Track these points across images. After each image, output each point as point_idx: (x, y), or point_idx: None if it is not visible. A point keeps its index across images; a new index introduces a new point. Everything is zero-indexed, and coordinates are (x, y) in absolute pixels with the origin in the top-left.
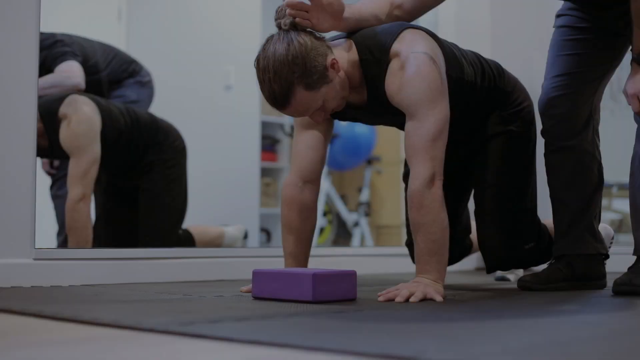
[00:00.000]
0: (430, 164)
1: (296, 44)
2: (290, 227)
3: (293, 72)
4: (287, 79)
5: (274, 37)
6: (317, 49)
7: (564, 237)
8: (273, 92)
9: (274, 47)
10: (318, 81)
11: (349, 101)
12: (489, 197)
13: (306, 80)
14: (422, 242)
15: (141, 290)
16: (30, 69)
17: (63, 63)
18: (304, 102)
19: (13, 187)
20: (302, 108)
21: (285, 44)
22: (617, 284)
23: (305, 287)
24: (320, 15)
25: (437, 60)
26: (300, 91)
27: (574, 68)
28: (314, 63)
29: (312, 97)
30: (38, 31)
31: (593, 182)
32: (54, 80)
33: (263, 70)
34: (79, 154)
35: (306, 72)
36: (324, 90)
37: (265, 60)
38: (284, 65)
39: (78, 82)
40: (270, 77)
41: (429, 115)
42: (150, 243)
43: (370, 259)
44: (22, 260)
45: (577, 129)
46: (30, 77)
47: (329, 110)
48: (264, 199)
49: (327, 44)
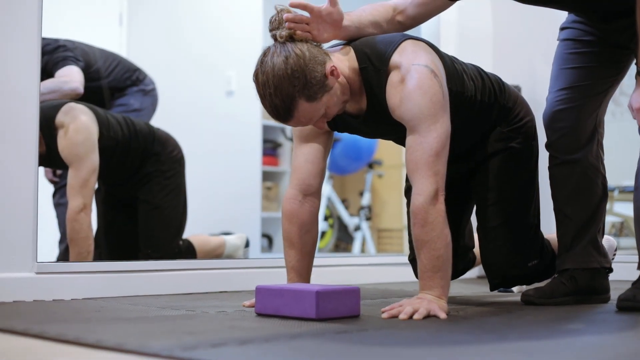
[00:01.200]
0: (434, 179)
1: (294, 56)
2: (291, 241)
3: (294, 86)
4: (288, 93)
5: (271, 50)
6: (315, 58)
7: (567, 251)
8: (275, 106)
9: (272, 61)
10: (319, 91)
11: (348, 111)
12: (491, 215)
13: (307, 92)
14: (425, 258)
15: (144, 305)
16: (32, 79)
17: (63, 68)
18: (306, 113)
19: (14, 201)
20: (305, 119)
21: (283, 57)
22: (621, 300)
23: (309, 304)
24: (321, 26)
25: (439, 73)
26: (302, 103)
27: (578, 81)
28: (314, 73)
29: (314, 107)
30: (40, 38)
31: (597, 196)
32: (52, 85)
33: (263, 86)
34: (77, 163)
35: (307, 84)
36: (325, 98)
37: (264, 75)
38: (283, 79)
39: (76, 86)
40: (271, 92)
41: (430, 130)
42: (151, 255)
43: (372, 268)
44: (24, 275)
45: (581, 142)
46: (32, 89)
47: (332, 116)
48: (265, 203)
49: (325, 51)
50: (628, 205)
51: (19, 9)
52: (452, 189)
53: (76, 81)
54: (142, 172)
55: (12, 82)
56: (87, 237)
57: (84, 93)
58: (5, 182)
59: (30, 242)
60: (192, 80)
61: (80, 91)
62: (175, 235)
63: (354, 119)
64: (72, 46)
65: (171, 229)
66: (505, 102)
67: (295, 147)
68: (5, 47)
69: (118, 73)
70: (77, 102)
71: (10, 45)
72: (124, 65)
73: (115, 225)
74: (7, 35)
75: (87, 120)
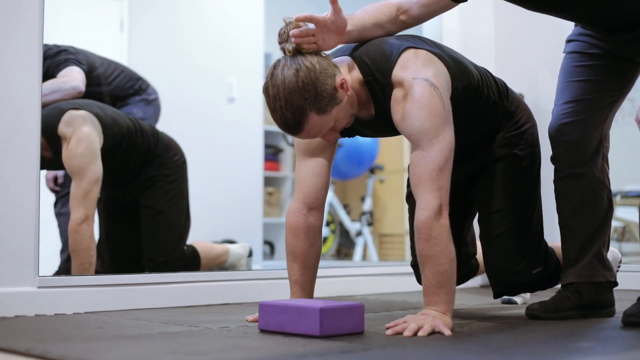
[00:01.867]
0: (437, 193)
1: (305, 69)
2: (295, 255)
3: (305, 99)
4: (299, 106)
5: (281, 63)
6: (325, 71)
7: (572, 265)
8: (286, 119)
9: (283, 74)
10: (329, 103)
11: (358, 117)
12: (494, 222)
13: (318, 104)
14: (430, 273)
15: (146, 320)
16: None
17: (65, 69)
18: (316, 125)
19: (16, 215)
20: (315, 131)
21: (294, 70)
22: (627, 315)
23: (313, 322)
24: (325, 35)
25: (440, 85)
26: (313, 116)
27: (584, 95)
28: (324, 86)
29: (324, 120)
30: (41, 46)
31: (603, 210)
32: (54, 86)
33: (274, 99)
34: (79, 174)
35: (317, 96)
36: (335, 111)
37: (275, 88)
38: (294, 92)
39: (77, 84)
40: (282, 105)
41: (433, 144)
42: (155, 259)
43: (375, 278)
44: (25, 289)
45: (587, 156)
46: (34, 102)
47: (340, 128)
48: (266, 209)
49: (334, 63)
50: (630, 210)
51: (20, 16)
52: (454, 196)
53: (77, 79)
54: (144, 175)
55: (13, 93)
56: (89, 248)
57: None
58: (7, 196)
59: (32, 256)
60: (193, 87)
61: (82, 89)
62: (180, 240)
63: (364, 125)
64: (74, 50)
65: (175, 233)
66: (508, 105)
67: (298, 160)
68: (6, 54)
69: (121, 81)
70: (77, 109)
71: (11, 52)
72: (127, 74)
73: (118, 233)
74: (8, 42)
75: (89, 130)
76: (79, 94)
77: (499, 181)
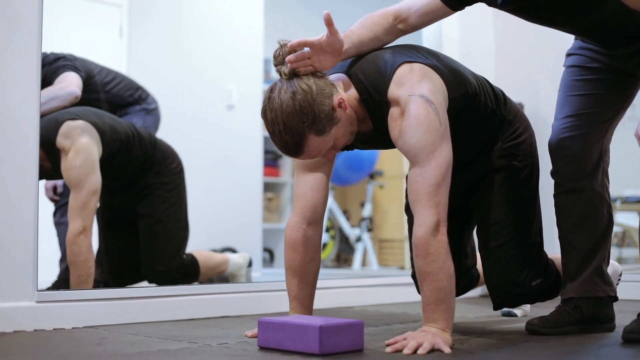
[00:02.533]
0: (435, 210)
1: (301, 92)
2: (294, 269)
3: (303, 122)
4: (298, 129)
5: (277, 86)
6: (322, 92)
7: (572, 280)
8: (285, 142)
9: (280, 98)
10: (327, 124)
11: (357, 131)
12: (493, 234)
13: (316, 126)
14: (428, 290)
15: (145, 335)
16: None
17: (61, 75)
18: (316, 146)
19: (14, 229)
20: (315, 152)
21: (291, 93)
22: (627, 332)
23: (312, 340)
24: (322, 56)
25: (436, 100)
26: (312, 138)
27: (584, 109)
28: (322, 107)
29: (324, 140)
30: (39, 56)
31: (603, 225)
32: (50, 94)
33: (272, 123)
34: (77, 186)
35: (315, 118)
36: (334, 131)
37: (272, 112)
38: (292, 116)
39: (73, 89)
40: (281, 129)
41: (429, 160)
42: (155, 269)
43: (374, 289)
44: (24, 304)
45: (587, 170)
46: (32, 117)
47: (340, 147)
48: (266, 214)
49: (331, 82)
50: (630, 215)
51: (19, 24)
52: (453, 207)
53: (73, 84)
54: (142, 182)
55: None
56: (87, 260)
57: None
58: (5, 210)
59: (30, 271)
60: (192, 94)
61: (78, 94)
62: (179, 249)
63: (364, 143)
64: (71, 57)
65: (174, 242)
66: (506, 114)
67: (297, 174)
68: (4, 62)
69: (120, 90)
70: (75, 119)
71: (9, 61)
72: (127, 83)
73: (116, 242)
74: (6, 50)
75: (87, 141)
76: (76, 98)
77: (497, 193)
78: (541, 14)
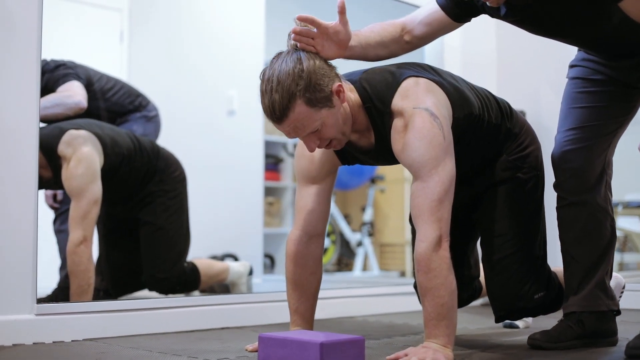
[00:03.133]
0: (437, 225)
1: (306, 60)
2: (295, 283)
3: (297, 84)
4: (289, 89)
5: (283, 53)
6: (324, 70)
7: (575, 294)
8: (273, 102)
9: (282, 61)
10: (320, 100)
11: (358, 144)
12: (497, 246)
13: (309, 95)
14: (430, 306)
15: (145, 349)
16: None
17: (65, 84)
18: (301, 118)
19: (14, 242)
20: (299, 124)
21: (295, 58)
22: (630, 348)
23: (313, 356)
24: (326, 43)
25: (440, 114)
26: (301, 105)
27: (587, 122)
28: (320, 82)
29: (311, 115)
30: (39, 64)
31: (605, 238)
32: (55, 99)
33: (267, 81)
34: (78, 195)
35: (310, 86)
36: (325, 112)
37: (271, 70)
38: (288, 75)
39: (79, 99)
40: (273, 87)
41: (432, 175)
42: (156, 276)
43: (375, 299)
44: (23, 317)
45: (590, 183)
46: (32, 129)
47: (325, 139)
48: (267, 219)
49: (336, 72)
50: (631, 219)
51: (18, 32)
52: (457, 218)
53: (79, 94)
54: (144, 191)
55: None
56: (87, 270)
57: (85, 114)
58: (5, 223)
59: (29, 283)
60: (193, 99)
61: (84, 105)
62: (180, 257)
63: (364, 154)
64: (72, 65)
65: (175, 250)
66: (512, 127)
67: (299, 187)
68: (3, 71)
69: (120, 97)
70: (78, 129)
71: (9, 69)
72: (127, 90)
73: (117, 249)
74: (5, 58)
75: (89, 150)
76: (81, 110)
77: (501, 205)
78: (544, 26)
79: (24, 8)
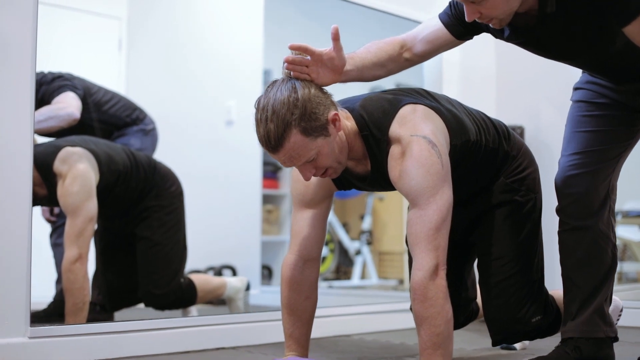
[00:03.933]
0: (434, 254)
1: (300, 88)
2: (290, 307)
3: (292, 114)
4: (284, 118)
5: (278, 81)
6: (319, 98)
7: (573, 319)
8: (268, 131)
9: (277, 89)
10: (316, 129)
11: (354, 171)
12: (494, 270)
13: (304, 124)
14: (425, 335)
15: None
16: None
17: (59, 95)
18: (297, 147)
19: (7, 265)
20: (295, 153)
21: (290, 87)
22: None
23: None
24: (320, 70)
25: (438, 142)
26: (296, 134)
27: (591, 146)
28: (315, 110)
29: (307, 144)
30: (34, 79)
31: (606, 265)
32: (48, 112)
33: (262, 110)
34: (74, 212)
35: (305, 115)
36: (320, 142)
37: (265, 99)
38: (283, 105)
39: (71, 111)
40: (268, 116)
41: (430, 203)
42: (152, 292)
43: (372, 316)
44: (17, 340)
45: (593, 209)
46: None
47: (321, 167)
48: (265, 227)
49: (332, 100)
50: (630, 228)
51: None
52: (455, 240)
53: (72, 106)
54: (141, 205)
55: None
56: (82, 288)
57: (82, 126)
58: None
59: (23, 306)
60: (191, 108)
61: (77, 116)
62: (176, 272)
63: (360, 180)
64: (69, 77)
65: (172, 265)
66: (509, 150)
67: (295, 211)
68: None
69: (118, 110)
70: (74, 146)
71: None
72: (124, 103)
73: (114, 264)
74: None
75: (84, 167)
76: (74, 121)
77: (499, 228)
78: (547, 49)
79: (18, 24)
